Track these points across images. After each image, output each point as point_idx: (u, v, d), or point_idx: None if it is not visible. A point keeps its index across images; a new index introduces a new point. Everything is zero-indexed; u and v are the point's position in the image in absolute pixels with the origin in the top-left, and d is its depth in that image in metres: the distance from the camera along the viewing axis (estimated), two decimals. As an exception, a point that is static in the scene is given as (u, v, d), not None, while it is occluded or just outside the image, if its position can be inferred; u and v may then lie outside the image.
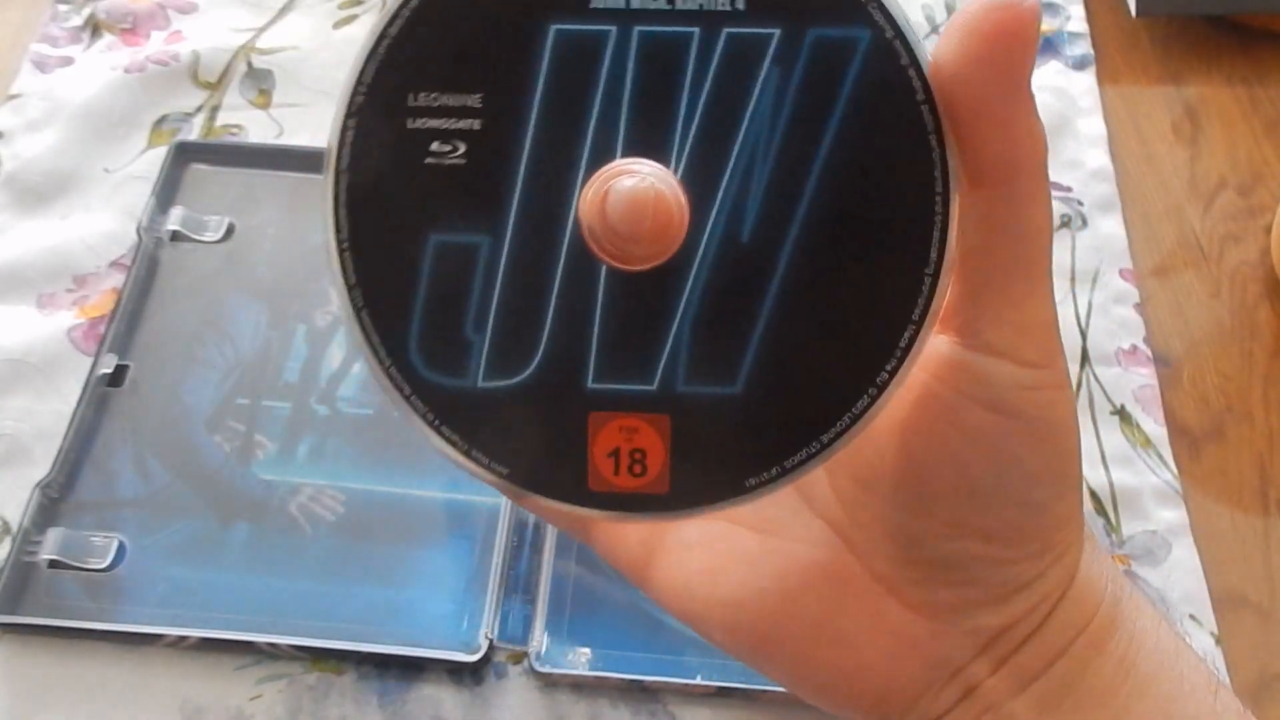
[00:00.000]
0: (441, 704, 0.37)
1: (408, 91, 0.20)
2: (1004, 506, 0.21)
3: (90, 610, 0.37)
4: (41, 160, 0.48)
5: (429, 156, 0.20)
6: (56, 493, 0.40)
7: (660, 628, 0.38)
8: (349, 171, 0.20)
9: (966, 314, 0.21)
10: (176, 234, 0.46)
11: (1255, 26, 0.54)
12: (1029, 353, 0.20)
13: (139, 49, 0.52)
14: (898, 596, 0.23)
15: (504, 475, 0.21)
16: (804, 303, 0.20)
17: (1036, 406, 0.21)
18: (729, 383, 0.21)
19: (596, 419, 0.21)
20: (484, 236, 0.20)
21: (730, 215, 0.20)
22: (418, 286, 0.21)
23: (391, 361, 0.21)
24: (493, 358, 0.21)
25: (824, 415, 0.21)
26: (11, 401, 0.42)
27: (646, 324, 0.21)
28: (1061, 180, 0.49)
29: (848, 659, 0.23)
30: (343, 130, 0.20)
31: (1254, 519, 0.41)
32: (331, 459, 0.41)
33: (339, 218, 0.20)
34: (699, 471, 0.21)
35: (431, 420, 0.21)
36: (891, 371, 0.20)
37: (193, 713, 0.36)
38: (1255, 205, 0.49)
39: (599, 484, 0.21)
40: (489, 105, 0.20)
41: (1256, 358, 0.45)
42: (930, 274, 0.20)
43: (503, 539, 0.39)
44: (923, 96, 0.19)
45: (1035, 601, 0.22)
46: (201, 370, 0.43)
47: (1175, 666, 0.23)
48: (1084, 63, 0.53)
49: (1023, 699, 0.23)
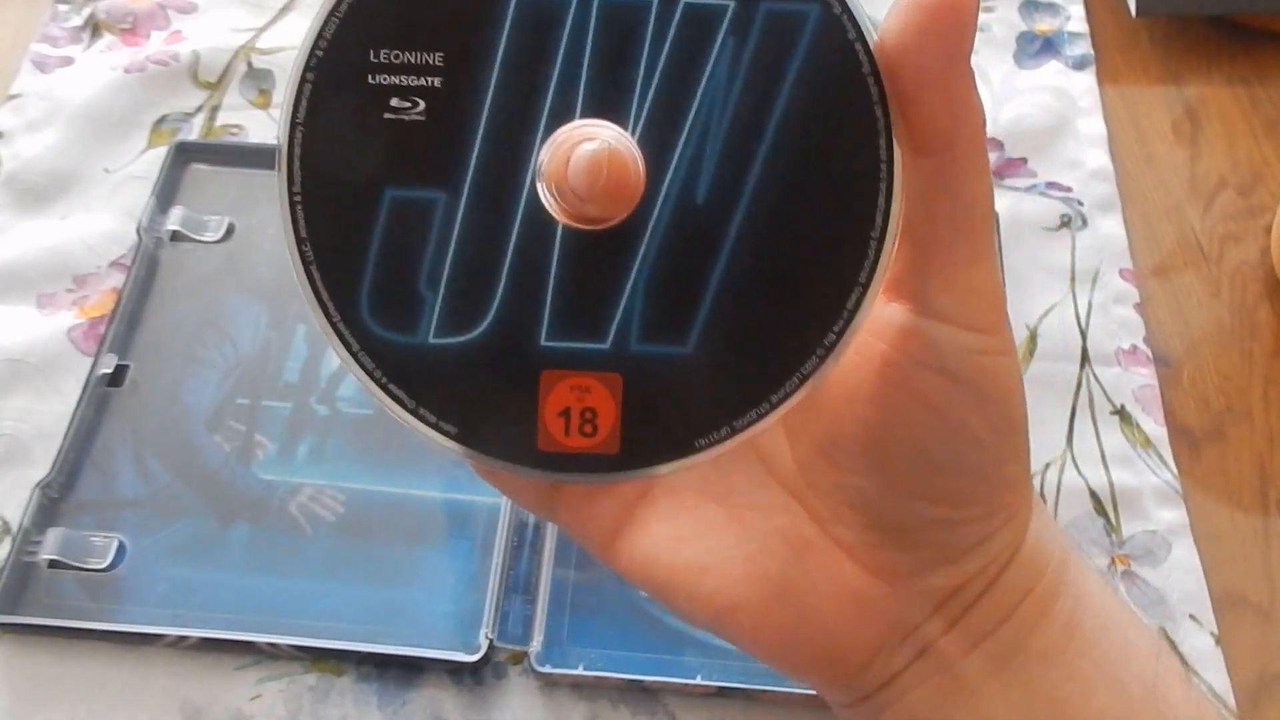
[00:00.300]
0: (441, 704, 0.37)
1: (369, 48, 0.20)
2: (952, 470, 0.22)
3: (90, 610, 0.37)
4: (41, 160, 0.48)
5: (388, 112, 0.20)
6: (56, 493, 0.40)
7: (660, 628, 0.38)
8: (305, 124, 0.20)
9: (915, 281, 0.21)
10: (176, 234, 0.46)
11: (1255, 26, 0.54)
12: (974, 318, 0.21)
13: (139, 49, 0.52)
14: (856, 560, 0.23)
15: (451, 434, 0.21)
16: (755, 265, 0.21)
17: (982, 371, 0.21)
18: (681, 343, 0.21)
19: (548, 377, 0.21)
20: (441, 193, 0.21)
21: (685, 178, 0.21)
22: (371, 242, 0.21)
23: (340, 316, 0.21)
24: (445, 314, 0.21)
25: (773, 376, 0.21)
26: (11, 401, 0.42)
27: (601, 283, 0.21)
28: (1061, 180, 0.49)
29: (807, 622, 0.23)
30: (300, 83, 0.20)
31: (1254, 519, 0.41)
32: (331, 459, 0.41)
33: (292, 170, 0.21)
34: (649, 431, 0.21)
35: (379, 377, 0.21)
36: (839, 333, 0.21)
37: (193, 713, 0.36)
38: (1255, 205, 0.49)
39: (548, 444, 0.21)
40: (450, 64, 0.20)
41: (1256, 358, 0.45)
42: (876, 238, 0.21)
43: (503, 539, 0.39)
44: (868, 69, 0.20)
45: (985, 562, 0.23)
46: (201, 370, 0.43)
47: (1119, 630, 0.24)
48: (1084, 63, 0.53)
49: (973, 657, 0.23)
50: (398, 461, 0.40)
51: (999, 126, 0.50)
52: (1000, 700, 0.23)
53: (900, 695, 0.24)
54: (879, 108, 0.20)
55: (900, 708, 0.24)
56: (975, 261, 0.21)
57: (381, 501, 0.40)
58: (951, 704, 0.24)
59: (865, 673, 0.24)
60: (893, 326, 0.22)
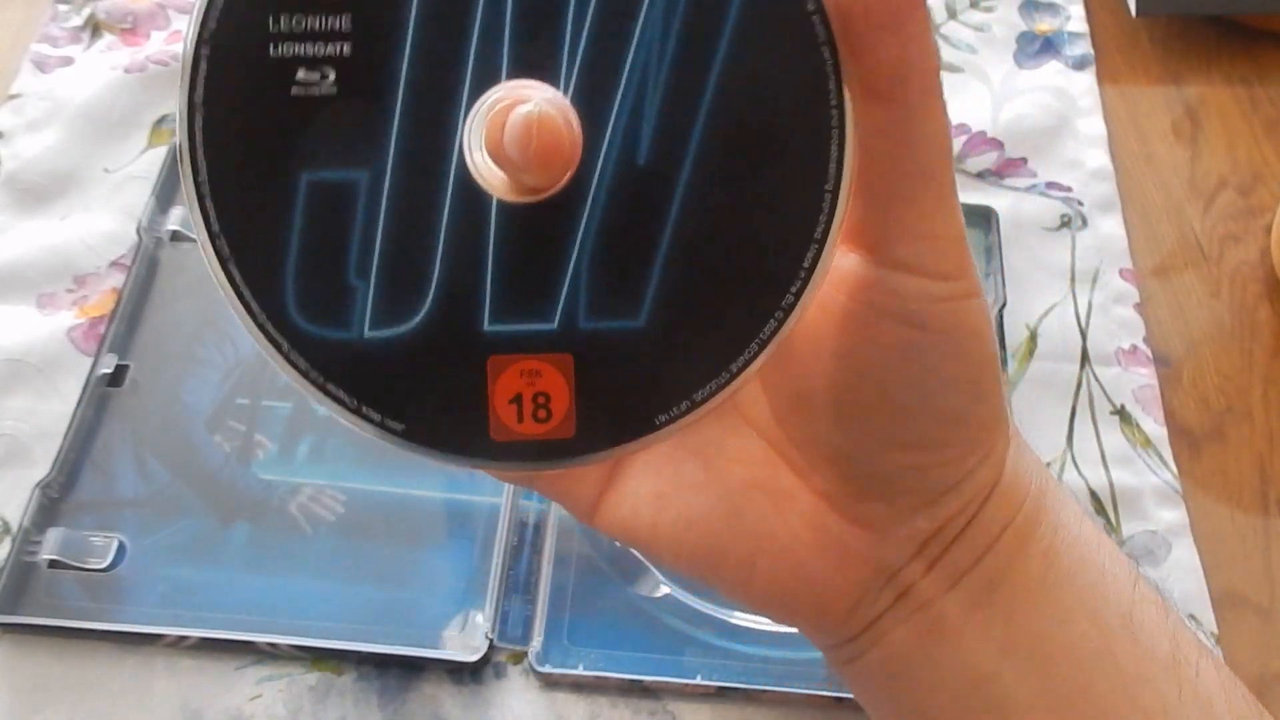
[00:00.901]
0: (441, 704, 0.37)
1: (267, 14, 0.18)
2: (925, 415, 0.22)
3: (90, 610, 0.37)
4: (41, 160, 0.48)
5: (295, 87, 0.19)
6: (56, 493, 0.40)
7: (660, 628, 0.38)
8: (204, 106, 0.18)
9: (875, 231, 0.21)
10: (176, 234, 0.46)
11: (1255, 26, 0.54)
12: (938, 265, 0.21)
13: (139, 49, 0.52)
14: (836, 509, 0.23)
15: (398, 432, 0.20)
16: (705, 228, 0.20)
17: (949, 316, 0.21)
18: (632, 316, 0.20)
19: (496, 363, 0.20)
20: (362, 172, 0.19)
21: (625, 138, 0.19)
22: (291, 231, 0.19)
23: (266, 315, 0.19)
24: (379, 305, 0.19)
25: (732, 343, 0.20)
26: (11, 401, 0.42)
27: (543, 259, 0.20)
28: (1061, 180, 0.49)
29: (791, 571, 0.23)
30: (195, 59, 0.18)
31: (1254, 519, 0.41)
32: (331, 459, 0.41)
33: (195, 160, 0.19)
34: (606, 412, 0.20)
35: (315, 378, 0.20)
36: (797, 293, 0.20)
37: (193, 713, 0.36)
38: (1255, 205, 0.49)
39: (501, 433, 0.20)
40: (359, 27, 0.18)
41: (1256, 358, 0.45)
42: (830, 190, 0.19)
43: (503, 539, 0.39)
44: (813, 7, 0.19)
45: (964, 502, 0.23)
46: (201, 370, 0.43)
47: (1096, 558, 0.24)
48: (1084, 63, 0.53)
49: (953, 595, 0.23)
50: (398, 461, 0.40)
51: (999, 126, 0.50)
52: (980, 635, 0.23)
53: (882, 635, 0.24)
54: (826, 49, 0.19)
55: (883, 647, 0.24)
56: (936, 208, 0.20)
57: (381, 501, 0.40)
58: (932, 642, 0.24)
59: (850, 617, 0.24)
60: (854, 278, 0.21)
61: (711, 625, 0.38)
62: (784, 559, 0.23)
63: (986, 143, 0.50)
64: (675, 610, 0.38)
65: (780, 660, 0.37)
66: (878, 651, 0.24)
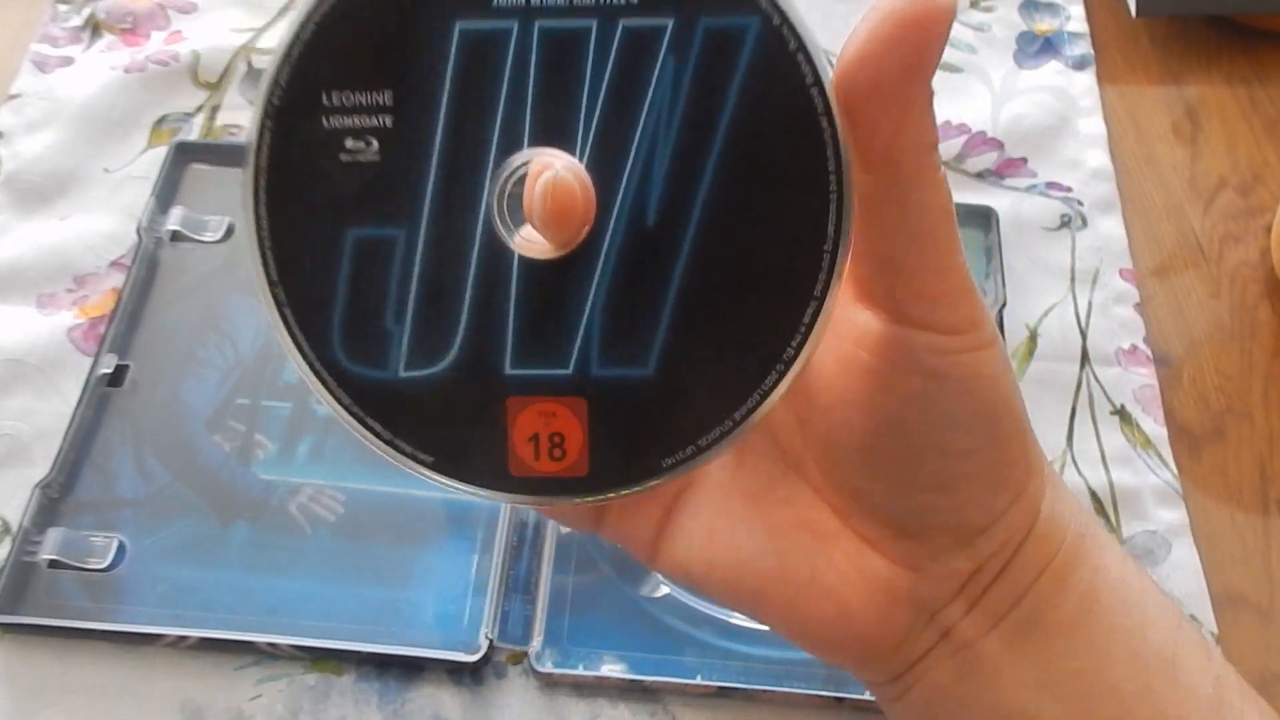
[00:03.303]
0: (441, 704, 0.37)
1: (322, 91, 0.21)
2: (946, 459, 0.22)
3: (90, 610, 0.37)
4: (41, 160, 0.48)
5: (344, 154, 0.21)
6: (56, 493, 0.40)
7: (660, 628, 0.38)
8: (268, 170, 0.21)
9: (884, 292, 0.22)
10: (176, 234, 0.46)
11: (1255, 26, 0.54)
12: (950, 321, 0.21)
13: (139, 49, 0.52)
14: (877, 549, 0.24)
15: (428, 464, 0.22)
16: (710, 284, 0.21)
17: (964, 367, 0.22)
18: (641, 365, 0.21)
19: (515, 404, 0.22)
20: (400, 230, 0.21)
21: (635, 200, 0.21)
22: (338, 281, 0.21)
23: (315, 356, 0.22)
24: (413, 348, 0.21)
25: (735, 393, 0.21)
26: (11, 401, 0.42)
27: (560, 309, 0.21)
28: (1061, 180, 0.49)
29: (837, 611, 0.24)
30: (260, 130, 0.21)
31: (1254, 519, 0.41)
32: (331, 459, 0.41)
33: (259, 216, 0.21)
34: (617, 453, 0.22)
35: (356, 412, 0.22)
36: (797, 347, 0.21)
37: (193, 713, 0.36)
38: (1255, 205, 0.49)
39: (520, 469, 0.22)
40: (400, 102, 0.21)
41: (1256, 358, 0.45)
42: (829, 251, 0.21)
43: (503, 539, 0.39)
44: (811, 79, 0.20)
45: (1000, 542, 0.24)
46: (201, 370, 0.43)
47: (1139, 600, 0.25)
48: (1084, 63, 0.53)
49: (993, 635, 0.24)
50: (398, 461, 0.40)
51: (999, 126, 0.50)
52: (1019, 675, 0.24)
53: (925, 674, 0.25)
54: (825, 119, 0.20)
55: (925, 686, 0.25)
56: (940, 268, 0.21)
57: (381, 501, 0.40)
58: (973, 681, 0.24)
59: (894, 657, 0.25)
60: (870, 334, 0.22)
61: (711, 625, 0.38)
62: (830, 599, 0.24)
63: (986, 143, 0.50)
64: (675, 610, 0.38)
65: (780, 660, 0.37)
66: (921, 689, 0.25)
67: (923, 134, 0.20)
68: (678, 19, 0.20)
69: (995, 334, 0.22)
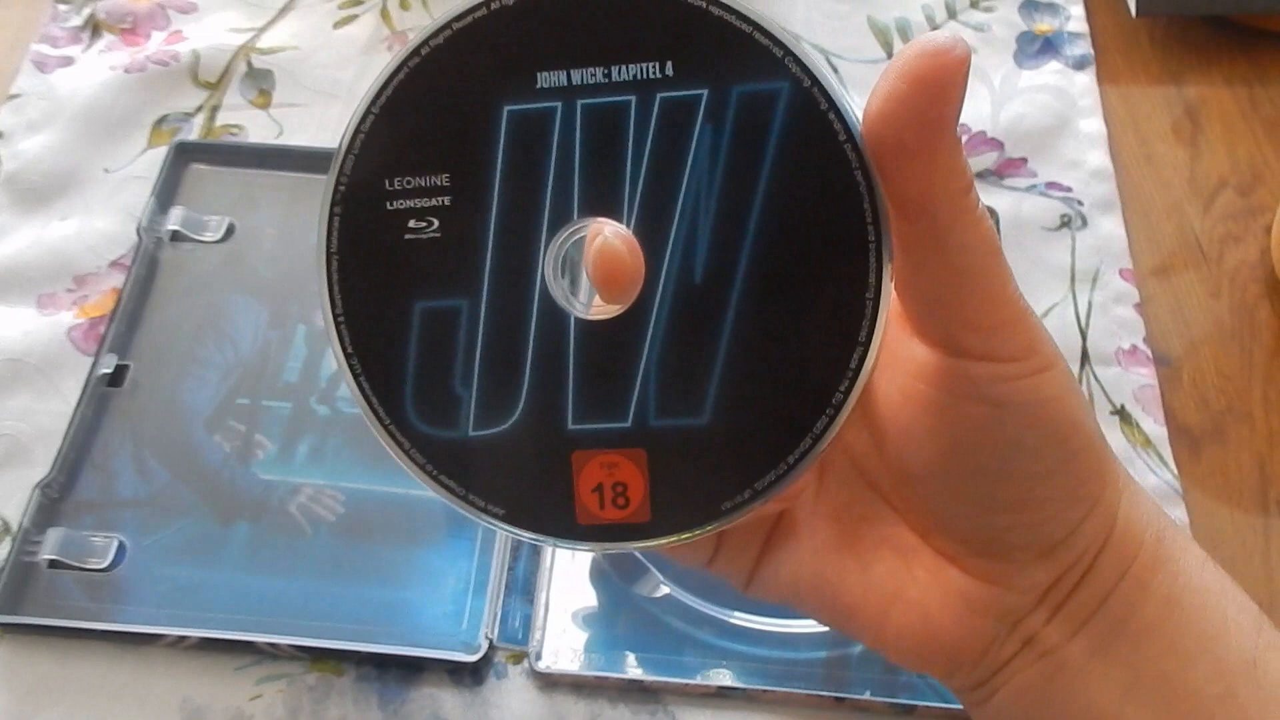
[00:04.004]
0: (441, 704, 0.37)
1: (383, 178, 0.22)
2: (1017, 480, 0.23)
3: (90, 610, 0.37)
4: (41, 160, 0.48)
5: (408, 233, 0.22)
6: (56, 493, 0.40)
7: (660, 627, 0.38)
8: (338, 254, 0.23)
9: (936, 329, 0.22)
10: (176, 234, 0.46)
11: (1255, 26, 0.54)
12: (1007, 350, 0.22)
13: (139, 49, 0.52)
14: (956, 564, 0.25)
15: (500, 516, 0.23)
16: (758, 335, 0.22)
17: (1025, 392, 0.22)
18: (697, 414, 0.23)
19: (579, 457, 0.23)
20: (463, 300, 0.23)
21: (682, 260, 0.22)
22: (408, 350, 0.23)
23: (390, 420, 0.23)
24: (480, 409, 0.23)
25: (788, 438, 0.22)
26: (11, 401, 0.42)
27: (617, 366, 0.23)
28: (1061, 180, 0.49)
29: (921, 624, 0.25)
30: (330, 218, 0.22)
31: (1254, 519, 0.41)
32: (331, 459, 0.41)
33: (333, 295, 0.23)
34: (677, 499, 0.23)
35: (430, 470, 0.23)
36: (845, 391, 0.22)
37: (193, 713, 0.36)
38: (1255, 205, 0.49)
39: (587, 517, 0.23)
40: (456, 183, 0.22)
41: (1256, 358, 0.45)
42: (871, 298, 0.21)
43: (503, 539, 0.39)
44: (844, 136, 0.21)
45: (1079, 552, 0.24)
46: (201, 370, 0.43)
47: (1219, 603, 0.25)
48: (1084, 63, 0.53)
49: (1076, 642, 0.24)
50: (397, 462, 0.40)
51: (999, 126, 0.50)
52: (1103, 680, 0.24)
53: (1009, 680, 0.25)
54: (859, 173, 0.21)
55: (1010, 691, 0.25)
56: (989, 302, 0.21)
57: (381, 501, 0.40)
58: (1057, 686, 0.25)
59: (978, 665, 0.25)
60: (929, 367, 0.22)
61: (711, 625, 0.38)
62: (913, 612, 0.25)
63: (986, 143, 0.50)
64: (675, 610, 0.38)
65: (780, 660, 0.37)
66: (1005, 694, 0.25)
67: (955, 178, 0.20)
68: (712, 88, 0.21)
69: (1055, 354, 0.22)
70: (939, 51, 0.19)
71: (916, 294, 0.22)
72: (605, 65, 0.22)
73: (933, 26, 0.54)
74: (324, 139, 0.49)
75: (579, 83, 0.22)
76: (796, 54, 0.21)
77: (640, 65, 0.22)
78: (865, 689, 0.36)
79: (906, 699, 0.36)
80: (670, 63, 0.21)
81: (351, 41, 0.53)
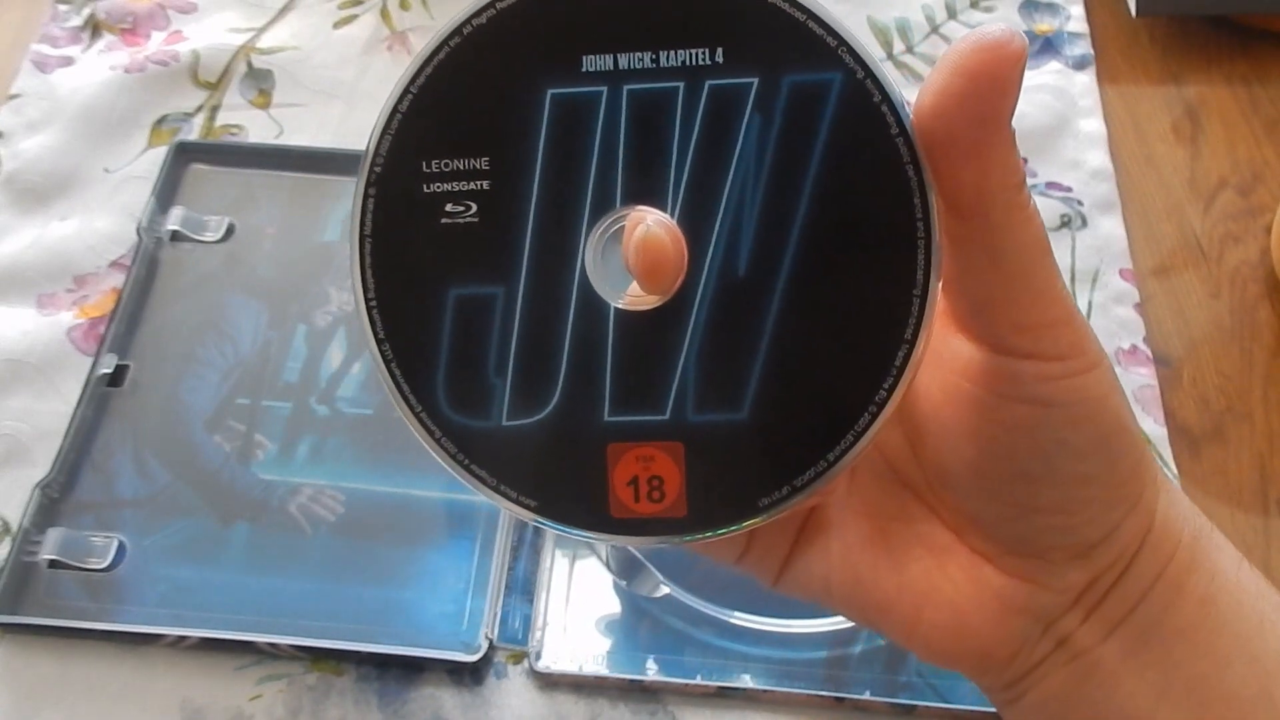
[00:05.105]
0: (441, 704, 0.37)
1: (420, 160, 0.22)
2: (1060, 482, 0.23)
3: (90, 610, 0.37)
4: (41, 160, 0.48)
5: (444, 217, 0.22)
6: (56, 493, 0.40)
7: (660, 628, 0.38)
8: (372, 236, 0.22)
9: (983, 327, 0.22)
10: (176, 234, 0.46)
11: (1255, 26, 0.54)
12: (1051, 349, 0.21)
13: (139, 49, 0.52)
14: (991, 563, 0.24)
15: (532, 508, 0.23)
16: (801, 330, 0.22)
17: (1070, 391, 0.22)
18: (736, 409, 0.22)
19: (614, 449, 0.22)
20: (499, 287, 0.22)
21: (726, 253, 0.22)
22: (441, 337, 0.22)
23: (421, 408, 0.22)
24: (514, 398, 0.22)
25: (829, 435, 0.22)
26: (11, 401, 0.42)
27: (656, 358, 0.22)
28: (1061, 180, 0.49)
29: (954, 622, 0.24)
30: (364, 199, 0.22)
31: (1254, 519, 0.41)
32: (331, 459, 0.41)
33: (365, 279, 0.22)
34: (714, 494, 0.22)
35: (462, 460, 0.22)
36: (890, 389, 0.21)
37: (193, 713, 0.36)
38: (1255, 205, 0.49)
39: (621, 511, 0.23)
40: (496, 167, 0.22)
41: (1256, 358, 0.45)
42: (919, 295, 0.21)
43: (503, 539, 0.39)
44: (896, 130, 0.21)
45: (1116, 553, 0.24)
46: (201, 370, 0.43)
47: (1255, 604, 0.24)
48: (1084, 62, 0.53)
49: (1110, 642, 0.24)
50: (398, 462, 0.40)
51: (999, 126, 0.50)
52: (1137, 680, 0.24)
53: (1041, 680, 0.25)
54: (910, 168, 0.21)
55: (1042, 691, 0.25)
56: (1037, 302, 0.21)
57: (381, 501, 0.40)
58: (1091, 687, 0.24)
59: (1011, 664, 0.25)
60: (976, 366, 0.22)
61: (711, 625, 0.38)
62: (946, 611, 0.24)
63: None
64: (675, 610, 0.38)
65: (780, 660, 0.37)
66: (1037, 694, 0.25)
67: (1008, 175, 0.20)
68: (763, 76, 0.21)
69: (1100, 353, 0.22)
70: (996, 45, 0.19)
71: (964, 292, 0.22)
72: (653, 50, 0.21)
73: (933, 27, 0.54)
74: (324, 139, 0.49)
75: (626, 67, 0.21)
76: (850, 44, 0.21)
77: (689, 51, 0.21)
78: (865, 689, 0.36)
79: (906, 699, 0.36)
80: (720, 49, 0.21)
81: (351, 41, 0.53)
